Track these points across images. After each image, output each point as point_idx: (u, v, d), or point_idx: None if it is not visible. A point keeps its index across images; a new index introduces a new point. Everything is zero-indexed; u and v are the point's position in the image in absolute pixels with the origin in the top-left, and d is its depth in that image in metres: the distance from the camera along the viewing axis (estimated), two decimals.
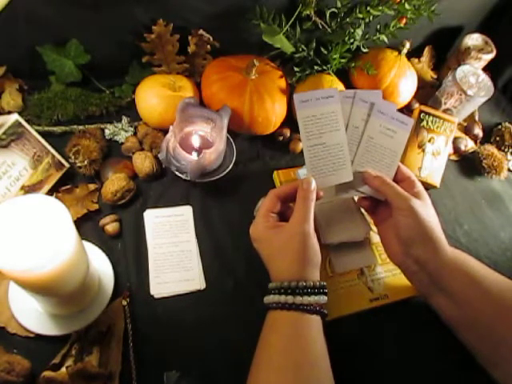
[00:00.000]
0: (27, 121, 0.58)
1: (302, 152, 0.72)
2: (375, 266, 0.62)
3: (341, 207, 0.61)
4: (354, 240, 0.60)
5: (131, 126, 0.70)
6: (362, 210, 0.61)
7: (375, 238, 0.62)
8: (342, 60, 0.76)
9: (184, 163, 0.63)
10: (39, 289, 0.44)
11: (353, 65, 0.78)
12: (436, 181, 0.72)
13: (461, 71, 0.77)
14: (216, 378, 0.52)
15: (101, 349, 0.51)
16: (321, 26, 0.74)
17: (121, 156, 0.67)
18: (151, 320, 0.55)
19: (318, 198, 0.51)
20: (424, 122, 0.74)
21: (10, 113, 0.64)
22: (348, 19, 0.74)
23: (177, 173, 0.64)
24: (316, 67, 0.75)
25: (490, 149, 0.80)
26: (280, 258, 0.49)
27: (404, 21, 0.74)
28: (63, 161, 0.62)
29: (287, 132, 0.74)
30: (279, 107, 0.70)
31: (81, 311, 0.52)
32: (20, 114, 0.60)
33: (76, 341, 0.50)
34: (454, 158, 0.82)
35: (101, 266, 0.56)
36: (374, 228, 0.60)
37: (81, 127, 0.68)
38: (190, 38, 0.71)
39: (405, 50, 0.79)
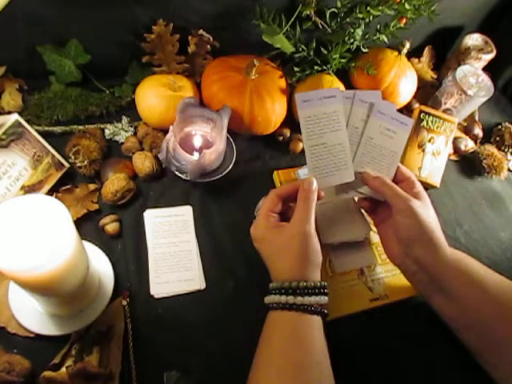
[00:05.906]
0: (27, 121, 0.58)
1: (302, 152, 0.73)
2: (375, 266, 0.62)
3: (341, 207, 0.61)
4: (353, 240, 0.60)
5: (131, 126, 0.70)
6: (362, 211, 0.61)
7: (375, 237, 0.62)
8: (342, 60, 0.76)
9: (184, 163, 0.63)
10: (39, 289, 0.44)
11: (353, 65, 0.78)
12: (436, 181, 0.72)
13: (461, 71, 0.77)
14: (216, 378, 0.52)
15: (101, 349, 0.51)
16: (321, 26, 0.74)
17: (121, 156, 0.67)
18: (151, 320, 0.55)
19: (318, 199, 0.51)
20: (424, 122, 0.73)
21: (10, 113, 0.64)
22: (348, 19, 0.74)
23: (177, 173, 0.64)
24: (316, 67, 0.75)
25: (490, 149, 0.80)
26: (281, 258, 0.49)
27: (404, 21, 0.74)
28: (63, 161, 0.62)
29: (287, 132, 0.74)
30: (279, 107, 0.70)
31: (81, 311, 0.52)
32: (20, 114, 0.60)
33: (76, 341, 0.50)
34: (453, 158, 0.82)
35: (101, 266, 0.56)
36: (373, 228, 0.60)
37: (81, 127, 0.67)
38: (190, 37, 0.71)
39: (405, 50, 0.79)
